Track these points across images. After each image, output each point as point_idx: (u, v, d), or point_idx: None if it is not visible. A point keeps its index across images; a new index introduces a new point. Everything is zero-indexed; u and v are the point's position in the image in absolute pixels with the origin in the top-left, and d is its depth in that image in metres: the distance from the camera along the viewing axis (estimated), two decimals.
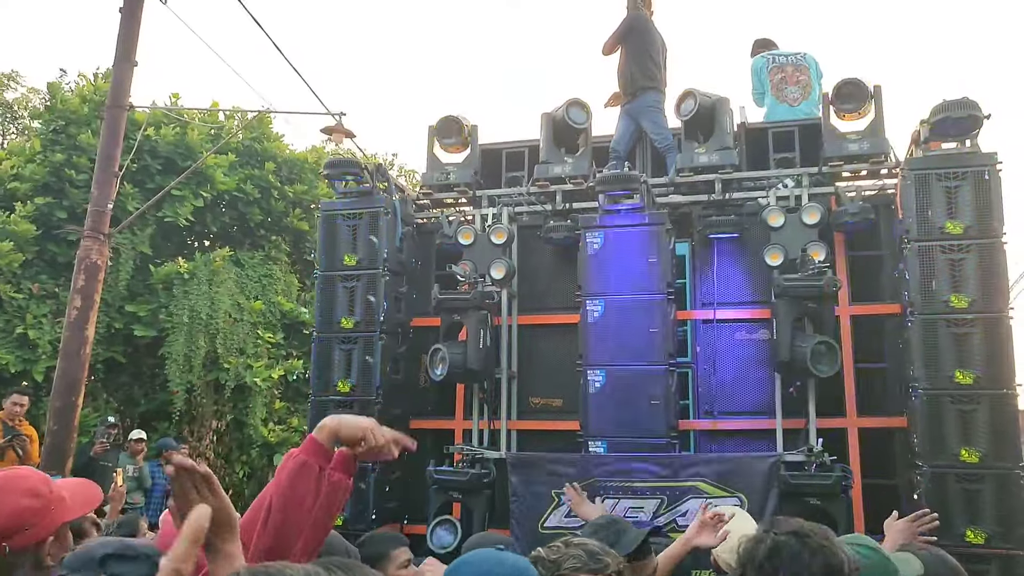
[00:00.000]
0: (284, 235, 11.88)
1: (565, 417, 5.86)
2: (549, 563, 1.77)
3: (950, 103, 5.29)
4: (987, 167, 5.21)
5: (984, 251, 5.09)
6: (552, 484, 5.38)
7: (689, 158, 6.02)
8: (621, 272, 5.65)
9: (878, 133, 5.75)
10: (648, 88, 6.41)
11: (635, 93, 6.40)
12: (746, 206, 5.94)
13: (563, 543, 1.84)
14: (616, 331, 5.56)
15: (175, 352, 10.04)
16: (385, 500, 5.83)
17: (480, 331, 5.66)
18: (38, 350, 9.38)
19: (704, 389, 5.82)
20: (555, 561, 1.77)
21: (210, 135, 11.10)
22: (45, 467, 7.37)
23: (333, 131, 9.61)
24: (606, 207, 5.79)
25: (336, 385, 5.85)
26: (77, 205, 9.92)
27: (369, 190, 6.18)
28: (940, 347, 5.02)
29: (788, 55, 6.84)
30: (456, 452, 5.79)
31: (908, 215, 5.26)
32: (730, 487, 5.12)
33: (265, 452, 10.82)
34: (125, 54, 8.36)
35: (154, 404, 10.64)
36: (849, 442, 5.34)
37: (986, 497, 4.75)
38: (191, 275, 10.26)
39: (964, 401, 4.91)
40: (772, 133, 6.19)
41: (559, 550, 1.81)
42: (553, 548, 1.83)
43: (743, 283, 5.93)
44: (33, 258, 9.88)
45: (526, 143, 6.55)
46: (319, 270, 6.20)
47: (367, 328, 5.88)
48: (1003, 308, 5.02)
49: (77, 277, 8.01)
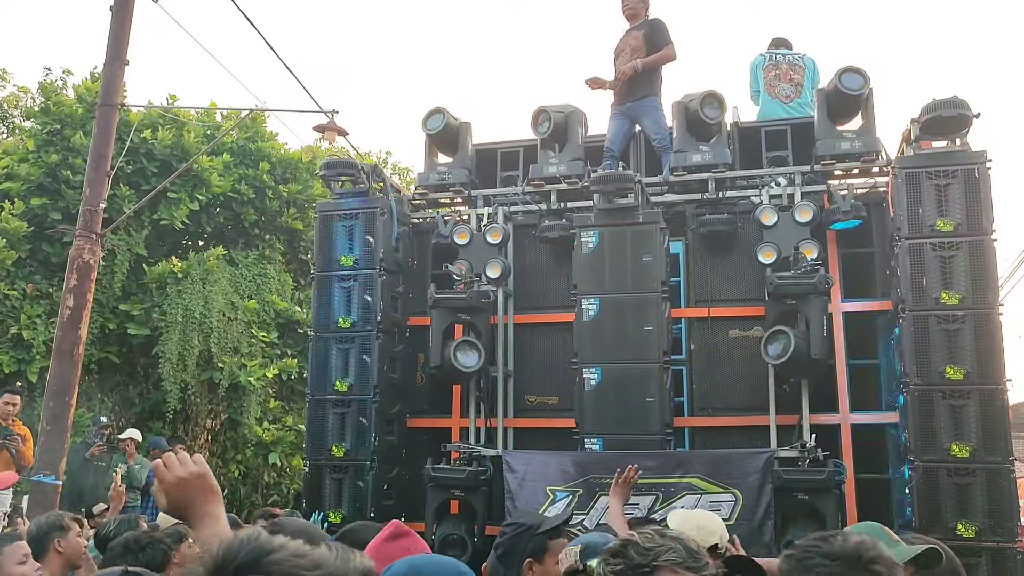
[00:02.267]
0: (278, 234, 11.87)
1: (561, 415, 5.91)
2: (644, 550, 1.68)
3: (940, 102, 5.36)
4: (977, 165, 5.28)
5: (974, 248, 5.17)
6: (548, 481, 5.43)
7: (683, 158, 6.07)
8: (616, 271, 5.70)
9: (870, 132, 5.82)
10: (651, 94, 6.43)
11: (641, 96, 6.39)
12: (739, 204, 5.99)
13: (656, 532, 1.75)
14: (611, 329, 5.61)
15: (169, 351, 10.03)
16: (383, 498, 5.87)
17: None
18: (32, 350, 9.37)
19: (698, 386, 5.88)
20: (651, 549, 1.66)
21: (206, 136, 11.08)
22: (39, 468, 7.38)
23: (326, 129, 9.60)
24: (600, 206, 5.83)
25: (334, 384, 5.88)
26: (73, 206, 9.91)
27: (365, 190, 6.21)
28: (931, 343, 5.09)
29: (786, 54, 6.89)
30: (453, 450, 5.83)
31: (899, 213, 5.33)
32: (724, 483, 5.18)
33: (260, 451, 10.83)
34: (116, 53, 8.34)
35: (149, 404, 10.63)
36: (842, 438, 5.40)
37: (976, 491, 4.82)
38: (185, 274, 10.26)
39: (955, 396, 4.98)
40: (765, 132, 6.25)
41: (654, 539, 1.70)
42: (646, 535, 1.73)
43: (737, 281, 5.98)
44: (27, 258, 9.86)
45: (521, 143, 6.59)
46: (316, 270, 6.23)
47: (364, 327, 5.92)
48: (993, 304, 5.10)
49: (69, 277, 7.99)
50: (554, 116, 6.29)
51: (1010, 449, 4.92)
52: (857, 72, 5.75)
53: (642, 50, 6.32)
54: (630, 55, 6.35)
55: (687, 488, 5.20)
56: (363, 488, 5.72)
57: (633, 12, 6.50)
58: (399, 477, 6.07)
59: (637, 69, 6.22)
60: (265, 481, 11.19)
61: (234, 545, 1.01)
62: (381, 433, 5.90)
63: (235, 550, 1.00)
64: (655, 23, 6.41)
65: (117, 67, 8.39)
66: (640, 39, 6.36)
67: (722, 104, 6.02)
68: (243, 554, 0.99)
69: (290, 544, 1.02)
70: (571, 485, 5.37)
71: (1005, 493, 4.81)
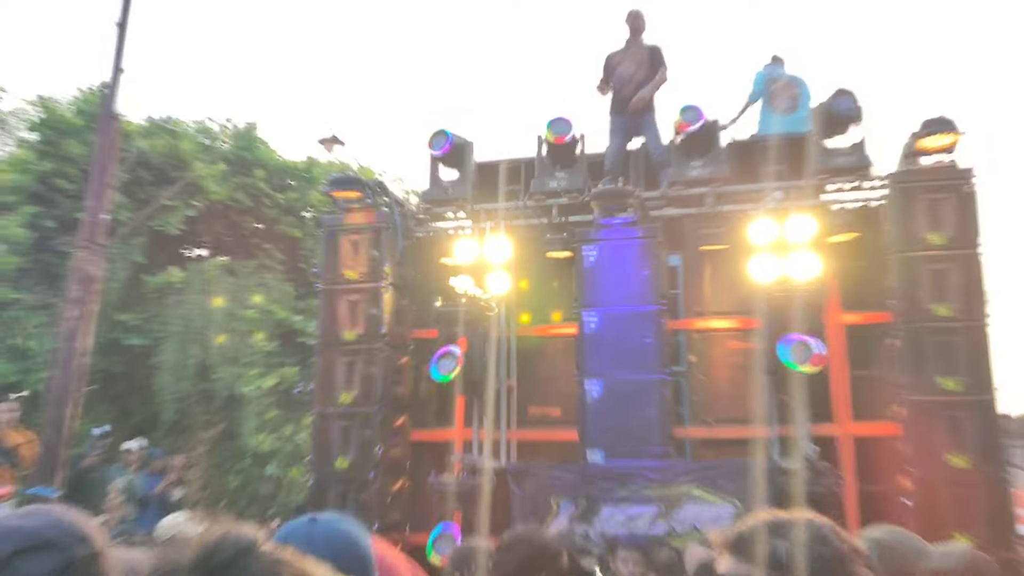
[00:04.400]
0: (277, 243, 11.91)
1: (563, 427, 5.99)
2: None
3: (930, 121, 5.51)
4: (965, 181, 5.42)
5: (964, 261, 5.30)
6: (551, 493, 5.50)
7: (681, 172, 6.18)
8: (616, 284, 5.80)
9: (863, 148, 5.94)
10: (649, 109, 6.57)
11: (643, 111, 6.54)
12: (736, 218, 6.10)
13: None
14: (612, 342, 5.70)
15: (167, 361, 10.04)
16: (388, 510, 5.92)
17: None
18: (34, 361, 9.37)
19: (698, 397, 5.97)
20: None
21: (202, 145, 11.12)
22: (37, 478, 7.40)
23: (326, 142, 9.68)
24: (601, 220, 5.93)
25: (339, 397, 5.94)
26: (67, 215, 9.93)
27: (370, 205, 6.29)
28: (926, 355, 5.20)
29: (785, 74, 7.14)
30: (457, 462, 5.89)
31: (893, 227, 5.45)
32: (725, 494, 5.26)
33: (258, 462, 10.84)
34: (119, 65, 8.39)
35: (147, 414, 10.63)
36: (841, 448, 5.50)
37: (974, 501, 4.92)
38: (185, 284, 10.29)
39: (950, 407, 5.08)
40: (761, 147, 6.36)
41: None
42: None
43: (734, 293, 6.08)
44: (30, 268, 9.87)
45: (523, 159, 6.69)
46: (321, 284, 6.29)
47: (369, 341, 5.98)
48: (983, 316, 5.22)
49: (72, 287, 8.01)
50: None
51: (1006, 459, 5.03)
52: (849, 94, 5.90)
53: (645, 64, 6.55)
54: (635, 68, 6.55)
55: (688, 498, 5.28)
56: (367, 501, 5.77)
57: (637, 28, 6.70)
58: (403, 489, 6.13)
59: (645, 100, 6.44)
60: (262, 493, 11.20)
61: (217, 541, 1.01)
62: (385, 445, 5.96)
63: (218, 546, 1.01)
64: (655, 49, 6.64)
65: (119, 79, 8.43)
66: (644, 55, 6.59)
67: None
68: (226, 550, 1.00)
69: (271, 545, 1.04)
70: (574, 496, 5.44)
71: (1002, 503, 4.91)
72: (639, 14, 6.69)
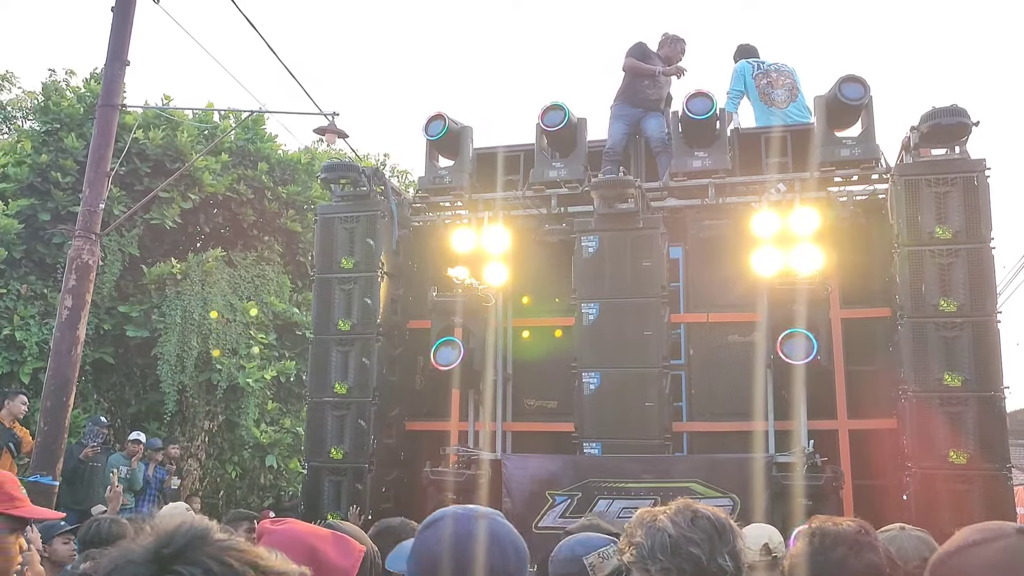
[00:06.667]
0: (277, 236, 11.86)
1: (559, 419, 5.92)
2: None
3: (939, 110, 5.38)
4: (976, 173, 5.30)
5: (972, 256, 5.19)
6: (546, 485, 5.43)
7: (683, 163, 6.08)
8: (615, 275, 5.71)
9: (869, 139, 5.83)
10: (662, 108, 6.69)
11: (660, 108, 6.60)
12: (739, 210, 6.01)
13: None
14: (610, 334, 5.62)
15: (167, 353, 10.02)
16: (382, 500, 5.86)
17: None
18: (25, 351, 9.35)
19: (697, 391, 5.89)
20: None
21: (203, 136, 11.05)
22: (35, 467, 7.38)
23: (326, 131, 9.61)
24: (601, 211, 5.84)
25: (333, 387, 5.88)
26: (62, 207, 9.91)
27: (366, 193, 6.21)
28: (929, 350, 5.10)
29: (771, 64, 6.98)
30: (452, 453, 5.83)
31: (898, 220, 5.34)
32: (723, 488, 5.19)
33: (257, 453, 10.81)
34: (117, 53, 8.33)
35: (145, 404, 10.60)
36: (840, 443, 5.42)
37: (974, 498, 4.83)
38: (184, 275, 10.24)
39: (953, 403, 4.99)
40: (765, 138, 6.27)
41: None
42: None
43: (735, 286, 5.99)
44: (21, 259, 9.83)
45: (521, 147, 6.60)
46: (316, 272, 6.23)
47: (364, 330, 5.91)
48: (991, 312, 5.12)
49: (68, 277, 7.99)
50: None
51: (1007, 456, 4.94)
52: (858, 81, 5.77)
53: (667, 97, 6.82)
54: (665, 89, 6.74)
55: (685, 492, 5.20)
56: (361, 491, 5.71)
57: (673, 56, 6.87)
58: (397, 480, 6.07)
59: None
60: (262, 483, 11.17)
61: (173, 531, 1.00)
62: (380, 436, 5.90)
63: (174, 536, 0.99)
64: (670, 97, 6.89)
65: (117, 67, 8.38)
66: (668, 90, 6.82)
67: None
68: (181, 540, 0.98)
69: (231, 537, 1.02)
70: (569, 489, 5.37)
71: (1002, 501, 4.82)
72: (684, 48, 6.86)
